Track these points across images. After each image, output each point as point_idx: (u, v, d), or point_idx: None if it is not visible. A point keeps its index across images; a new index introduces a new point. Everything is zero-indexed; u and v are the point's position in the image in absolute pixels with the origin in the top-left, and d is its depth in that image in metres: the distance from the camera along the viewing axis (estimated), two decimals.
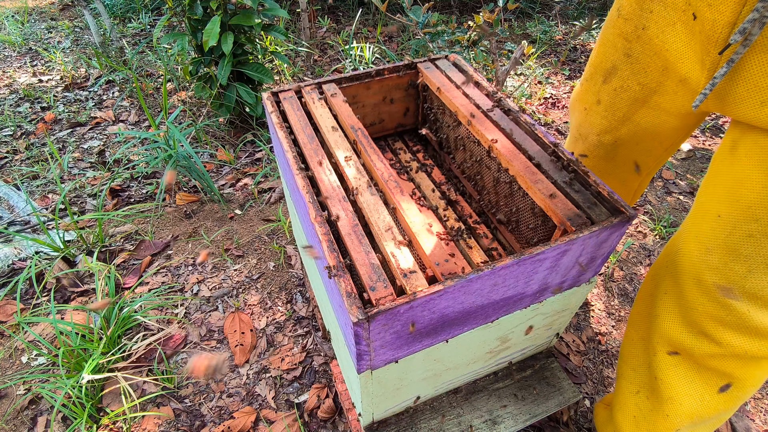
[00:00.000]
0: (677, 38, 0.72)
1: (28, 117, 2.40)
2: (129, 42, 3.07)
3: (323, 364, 1.35)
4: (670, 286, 0.82)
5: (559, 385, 1.09)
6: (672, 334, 0.81)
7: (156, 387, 1.29)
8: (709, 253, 0.72)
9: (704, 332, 0.75)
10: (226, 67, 1.89)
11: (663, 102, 0.82)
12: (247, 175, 2.03)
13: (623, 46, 0.84)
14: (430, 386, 0.94)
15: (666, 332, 0.82)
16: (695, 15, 0.66)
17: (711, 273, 0.72)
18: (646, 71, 0.81)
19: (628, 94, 0.87)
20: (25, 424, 1.23)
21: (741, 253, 0.67)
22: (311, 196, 0.75)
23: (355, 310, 0.59)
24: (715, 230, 0.71)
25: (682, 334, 0.79)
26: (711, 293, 0.72)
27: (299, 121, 0.92)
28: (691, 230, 0.77)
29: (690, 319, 0.77)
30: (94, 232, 1.70)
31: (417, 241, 0.72)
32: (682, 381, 0.82)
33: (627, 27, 0.81)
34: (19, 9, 3.58)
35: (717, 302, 0.72)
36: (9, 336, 1.42)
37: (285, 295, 1.54)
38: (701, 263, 0.74)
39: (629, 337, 0.96)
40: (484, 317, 0.76)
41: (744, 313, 0.69)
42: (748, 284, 0.67)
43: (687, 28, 0.69)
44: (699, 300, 0.75)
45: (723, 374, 0.78)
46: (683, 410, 0.84)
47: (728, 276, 0.69)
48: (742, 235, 0.67)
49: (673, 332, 0.81)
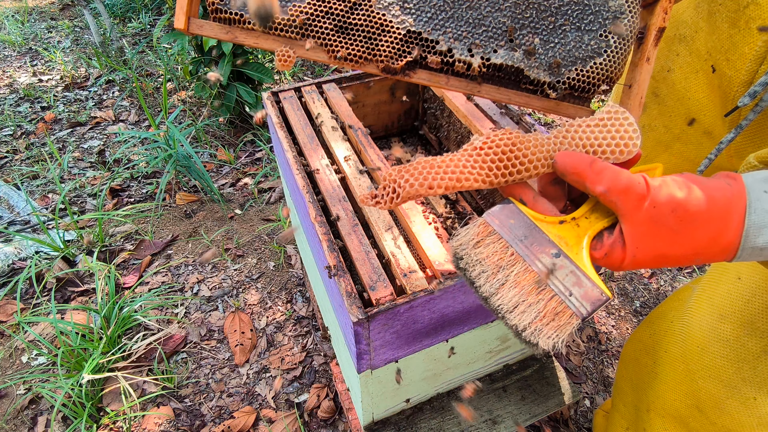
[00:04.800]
0: (699, 88, 0.67)
1: (28, 117, 2.40)
2: (129, 42, 3.07)
3: (323, 364, 1.35)
4: (672, 345, 0.74)
5: (559, 385, 1.09)
6: (669, 400, 0.74)
7: (156, 387, 1.29)
8: (722, 321, 0.64)
9: (700, 408, 0.67)
10: (226, 67, 1.89)
11: (686, 151, 0.77)
12: (247, 175, 2.03)
13: (651, 84, 0.79)
14: (430, 386, 0.95)
15: (662, 395, 0.75)
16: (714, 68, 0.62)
17: (719, 345, 0.64)
18: (671, 115, 0.76)
19: (654, 134, 0.82)
20: (25, 423, 1.23)
21: (758, 327, 0.59)
22: (311, 196, 0.75)
23: (355, 310, 0.59)
24: (732, 295, 0.64)
25: (677, 402, 0.72)
26: (714, 369, 0.64)
27: (299, 121, 0.92)
28: (706, 289, 0.69)
29: (689, 391, 0.69)
30: (94, 231, 1.70)
31: (417, 241, 0.72)
32: None
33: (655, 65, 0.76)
34: (19, 9, 3.58)
35: (719, 380, 0.63)
36: (9, 336, 1.42)
37: (285, 295, 1.54)
38: (711, 331, 0.66)
39: (620, 374, 0.91)
40: (484, 317, 0.76)
41: (748, 399, 0.60)
42: (761, 366, 0.59)
43: (708, 79, 0.65)
44: (700, 373, 0.67)
45: None
46: None
47: (739, 353, 0.61)
48: (761, 306, 0.59)
49: (669, 398, 0.74)
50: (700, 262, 0.46)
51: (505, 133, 0.50)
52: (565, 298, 0.47)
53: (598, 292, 0.47)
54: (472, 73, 0.55)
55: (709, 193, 0.43)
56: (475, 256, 0.51)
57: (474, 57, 0.54)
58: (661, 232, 0.43)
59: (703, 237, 0.43)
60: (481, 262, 0.50)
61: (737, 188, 0.43)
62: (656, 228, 0.43)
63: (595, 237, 0.49)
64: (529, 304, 0.48)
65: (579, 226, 0.49)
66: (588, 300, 0.47)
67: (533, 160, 0.50)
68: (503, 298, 0.49)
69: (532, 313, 0.47)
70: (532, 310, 0.48)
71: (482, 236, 0.51)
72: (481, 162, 0.50)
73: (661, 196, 0.43)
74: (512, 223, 0.50)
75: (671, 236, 0.43)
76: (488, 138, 0.51)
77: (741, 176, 0.44)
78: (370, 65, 0.56)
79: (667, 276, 1.62)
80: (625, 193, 0.43)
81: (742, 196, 0.42)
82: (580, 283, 0.47)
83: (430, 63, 0.55)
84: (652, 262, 0.46)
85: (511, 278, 0.49)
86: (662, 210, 0.43)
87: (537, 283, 0.48)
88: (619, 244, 0.46)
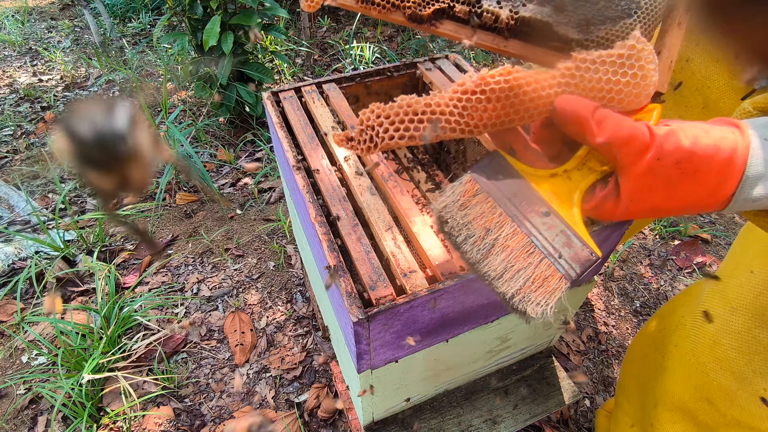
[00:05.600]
0: (719, 75, 0.66)
1: (29, 116, 2.40)
2: (129, 42, 3.07)
3: (323, 364, 1.35)
4: (682, 339, 0.74)
5: (559, 385, 1.09)
6: (677, 393, 0.74)
7: (156, 387, 1.29)
8: (734, 313, 0.64)
9: (709, 400, 0.67)
10: (226, 67, 1.89)
11: None
12: (247, 175, 2.03)
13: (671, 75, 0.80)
14: (430, 386, 0.95)
15: (671, 389, 0.75)
16: None
17: (731, 337, 0.63)
18: (687, 106, 0.76)
19: None
20: (25, 423, 1.23)
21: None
22: (311, 196, 0.75)
23: (356, 310, 0.59)
24: (744, 287, 0.63)
25: (685, 395, 0.72)
26: (726, 361, 0.64)
27: (299, 121, 0.92)
28: (719, 284, 0.69)
29: (698, 383, 0.69)
30: (94, 231, 1.70)
31: (417, 241, 0.72)
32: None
33: None
34: (19, 8, 3.58)
35: (730, 372, 0.63)
36: (9, 336, 1.42)
37: (285, 295, 1.54)
38: (723, 324, 0.65)
39: (625, 371, 0.91)
40: (484, 317, 0.76)
41: (758, 391, 0.60)
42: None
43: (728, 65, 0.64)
44: (711, 366, 0.66)
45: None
46: None
47: (750, 344, 0.61)
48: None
49: (677, 391, 0.74)
50: (689, 213, 0.44)
51: (502, 74, 0.44)
52: (554, 261, 0.45)
53: (588, 252, 0.45)
54: (499, 25, 0.53)
55: (715, 144, 0.40)
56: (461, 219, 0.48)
57: (503, 9, 0.53)
58: (660, 185, 0.41)
59: (702, 190, 0.41)
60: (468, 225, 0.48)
61: (743, 140, 0.40)
62: (656, 181, 0.41)
63: (588, 189, 0.47)
64: (518, 270, 0.46)
65: (571, 179, 0.47)
66: (578, 261, 0.45)
67: (530, 108, 0.45)
68: (491, 263, 0.46)
69: (521, 279, 0.45)
70: (521, 275, 0.45)
71: (468, 196, 0.48)
72: (471, 109, 0.45)
73: (667, 148, 0.40)
74: (500, 179, 0.47)
75: (669, 189, 0.41)
76: (482, 81, 0.45)
77: (744, 124, 0.42)
78: (397, 13, 0.54)
79: (667, 276, 1.62)
80: (627, 144, 0.40)
81: (747, 146, 0.40)
82: (570, 243, 0.45)
83: (458, 12, 0.54)
84: (642, 214, 0.44)
85: (499, 241, 0.46)
86: (666, 162, 0.40)
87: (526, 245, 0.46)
88: (613, 197, 0.44)
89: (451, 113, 0.45)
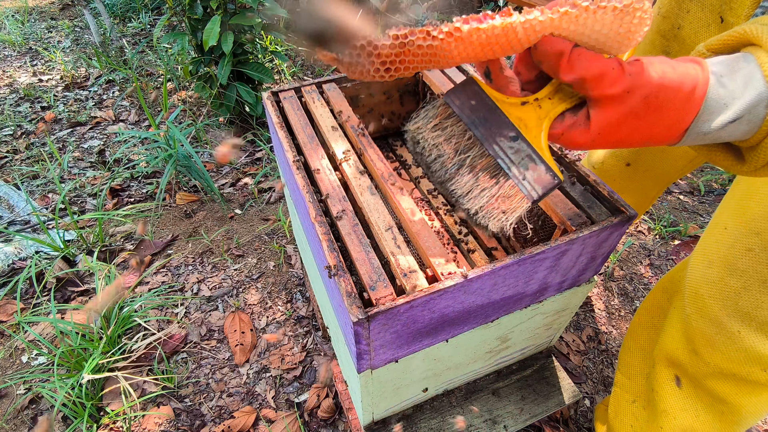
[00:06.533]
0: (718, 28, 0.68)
1: (28, 116, 2.40)
2: (129, 42, 3.07)
3: (323, 364, 1.35)
4: (678, 300, 0.80)
5: (559, 385, 1.09)
6: (671, 348, 0.79)
7: (156, 386, 1.29)
8: (710, 266, 0.70)
9: (695, 350, 0.73)
10: (226, 67, 1.89)
11: None
12: (247, 175, 2.03)
13: (661, 43, 0.82)
14: (431, 386, 0.95)
15: (666, 346, 0.81)
16: (722, 18, 0.64)
17: (707, 287, 0.70)
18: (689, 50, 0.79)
19: None
20: (25, 423, 1.23)
21: (738, 267, 0.65)
22: (311, 196, 0.75)
23: (355, 310, 0.59)
24: (719, 242, 0.69)
25: (678, 350, 0.78)
26: (704, 309, 0.70)
27: (299, 121, 0.92)
28: (701, 242, 0.75)
29: (687, 335, 0.75)
30: (94, 231, 1.70)
31: (417, 241, 0.72)
32: (677, 396, 0.81)
33: (665, 25, 0.80)
34: (19, 8, 3.58)
35: (708, 319, 0.69)
36: (9, 335, 1.42)
37: (285, 295, 1.54)
38: (701, 277, 0.72)
39: (627, 346, 0.95)
40: (484, 317, 0.76)
41: (734, 334, 0.66)
42: (741, 302, 0.65)
43: (719, 31, 0.67)
44: (693, 315, 0.73)
45: (716, 396, 0.75)
46: (677, 424, 0.82)
47: (723, 291, 0.67)
48: (741, 248, 0.64)
49: (671, 346, 0.79)
50: (647, 146, 0.46)
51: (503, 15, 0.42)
52: (518, 182, 0.47)
53: (551, 176, 0.47)
54: None
55: (680, 79, 0.42)
56: (432, 140, 0.50)
57: None
58: (627, 118, 0.43)
59: (663, 124, 0.43)
60: (438, 146, 0.49)
61: (703, 75, 0.43)
62: (624, 114, 0.43)
63: (557, 117, 0.48)
64: (483, 188, 0.48)
65: (541, 108, 0.48)
66: (540, 183, 0.47)
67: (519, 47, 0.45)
68: (458, 182, 0.49)
69: (485, 197, 0.48)
70: (485, 194, 0.48)
71: (441, 118, 0.50)
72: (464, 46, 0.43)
73: (637, 83, 0.42)
74: (472, 104, 0.49)
75: (635, 122, 0.43)
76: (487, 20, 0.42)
77: (704, 62, 0.44)
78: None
79: None
80: (598, 79, 0.42)
81: (706, 81, 0.42)
82: (535, 167, 0.47)
83: None
84: (606, 145, 0.46)
85: (467, 162, 0.49)
86: (635, 96, 0.42)
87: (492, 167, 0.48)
88: (582, 127, 0.46)
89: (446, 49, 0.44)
